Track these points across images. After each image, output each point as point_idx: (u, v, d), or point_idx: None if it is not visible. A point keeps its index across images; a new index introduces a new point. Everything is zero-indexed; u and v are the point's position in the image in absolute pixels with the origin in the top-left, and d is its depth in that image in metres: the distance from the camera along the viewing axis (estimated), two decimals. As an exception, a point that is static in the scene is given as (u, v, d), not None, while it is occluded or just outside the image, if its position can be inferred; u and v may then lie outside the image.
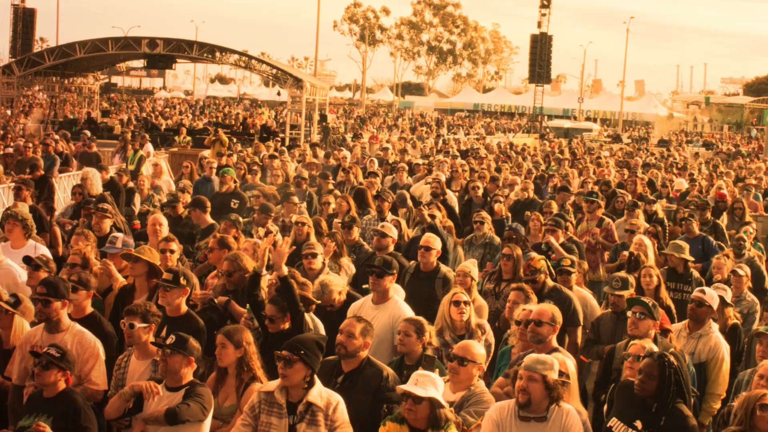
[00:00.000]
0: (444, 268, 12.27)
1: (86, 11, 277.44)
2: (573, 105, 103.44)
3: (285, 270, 9.62)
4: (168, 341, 7.93)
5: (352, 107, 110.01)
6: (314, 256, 12.01)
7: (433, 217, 15.00)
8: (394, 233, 13.40)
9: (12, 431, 7.90)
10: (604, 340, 11.06)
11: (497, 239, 15.35)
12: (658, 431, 7.56)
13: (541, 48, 73.88)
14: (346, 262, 13.17)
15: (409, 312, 10.10)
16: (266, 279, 10.03)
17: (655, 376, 7.66)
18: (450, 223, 16.00)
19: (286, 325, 9.33)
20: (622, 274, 11.73)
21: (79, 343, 8.72)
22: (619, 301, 11.11)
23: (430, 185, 19.53)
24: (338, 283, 10.64)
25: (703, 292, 10.94)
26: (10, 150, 25.71)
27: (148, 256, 10.51)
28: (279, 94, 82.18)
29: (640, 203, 18.45)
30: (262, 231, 14.37)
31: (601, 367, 10.30)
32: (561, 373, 7.64)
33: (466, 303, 10.11)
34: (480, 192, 19.29)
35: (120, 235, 12.19)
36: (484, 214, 15.90)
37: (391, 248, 13.20)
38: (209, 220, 15.20)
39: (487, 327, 10.53)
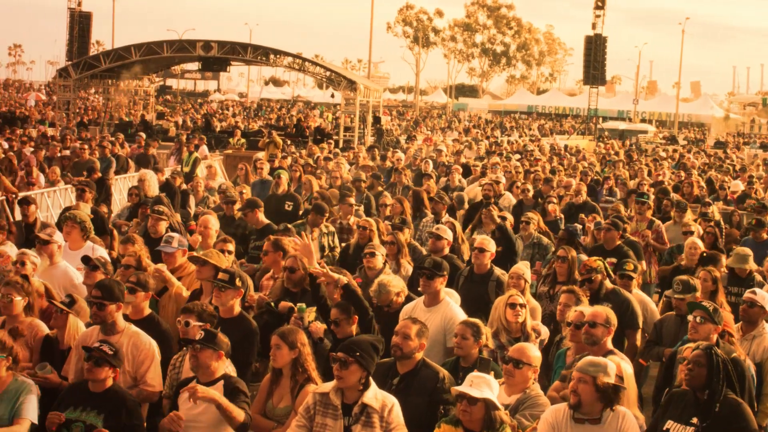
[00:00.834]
0: (497, 270, 12.23)
1: (141, 14, 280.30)
2: (628, 107, 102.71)
3: (344, 279, 9.64)
4: (197, 337, 7.99)
5: (406, 109, 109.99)
6: (373, 255, 12.02)
7: (503, 219, 14.94)
8: (449, 235, 13.34)
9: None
10: (667, 343, 10.97)
11: (545, 239, 15.32)
12: (713, 421, 7.52)
13: (595, 49, 73.38)
14: (406, 263, 13.15)
15: (461, 314, 10.07)
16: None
17: (703, 364, 7.62)
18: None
19: (353, 329, 9.33)
20: (685, 277, 11.61)
21: (134, 345, 8.76)
22: (680, 304, 11.02)
23: (482, 188, 19.45)
24: (397, 284, 10.59)
25: (754, 293, 10.81)
26: (67, 152, 25.97)
27: (216, 259, 10.52)
28: (333, 96, 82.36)
29: (694, 205, 18.31)
30: (316, 232, 14.43)
31: (662, 371, 10.21)
32: (617, 377, 7.57)
33: (521, 305, 10.06)
34: (530, 194, 19.19)
35: (176, 234, 12.22)
36: (530, 214, 15.83)
37: (447, 251, 13.14)
38: (264, 220, 15.24)
39: (543, 329, 10.48)
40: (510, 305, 10.04)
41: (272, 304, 10.43)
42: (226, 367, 8.12)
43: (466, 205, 18.81)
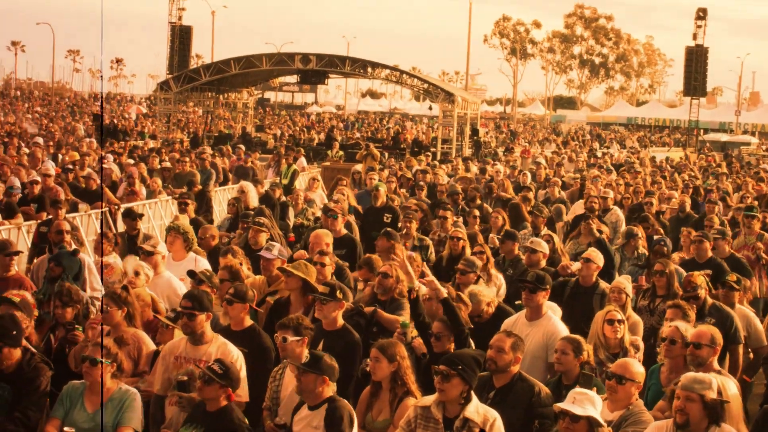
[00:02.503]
0: (603, 284, 12.10)
1: (240, 28, 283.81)
2: (730, 118, 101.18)
3: (445, 292, 9.60)
4: (295, 352, 8.01)
5: (504, 121, 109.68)
6: (465, 273, 11.94)
7: (600, 231, 14.81)
8: (544, 248, 13.27)
9: None
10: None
11: (645, 253, 15.11)
12: None
13: (696, 60, 72.37)
14: (495, 272, 13.09)
15: (563, 330, 9.98)
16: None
17: None
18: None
19: (452, 346, 9.29)
20: None
21: (222, 355, 8.76)
22: None
23: (587, 200, 19.29)
24: (487, 294, 10.57)
25: None
26: (168, 164, 26.31)
27: (303, 271, 10.54)
28: (430, 108, 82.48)
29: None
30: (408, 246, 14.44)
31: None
32: (720, 394, 7.43)
33: (620, 321, 9.90)
34: (653, 208, 18.88)
35: (277, 244, 12.33)
36: (636, 230, 15.64)
37: (543, 263, 13.07)
38: (344, 230, 15.25)
39: (641, 345, 10.34)
40: (608, 321, 9.89)
41: (362, 306, 10.48)
42: (333, 389, 8.06)
43: (565, 218, 18.66)
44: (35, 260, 13.45)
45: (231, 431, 7.93)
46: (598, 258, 12.15)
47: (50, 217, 15.74)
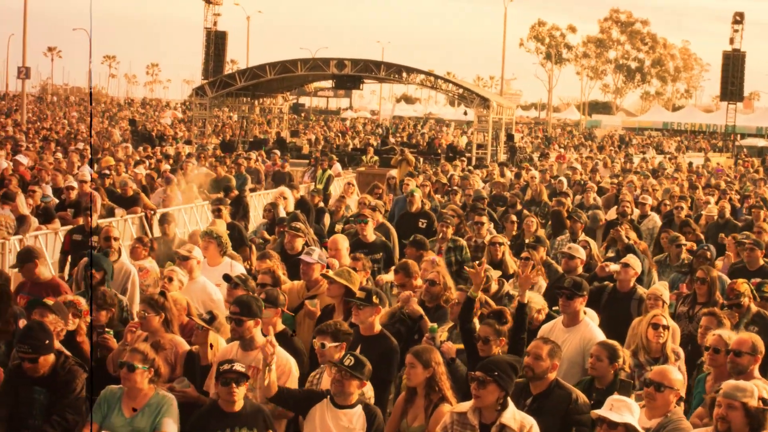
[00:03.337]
0: (641, 289, 12.07)
1: (274, 33, 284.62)
2: (767, 123, 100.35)
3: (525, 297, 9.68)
4: (346, 362, 8.01)
5: (538, 126, 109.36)
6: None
7: (629, 237, 14.74)
8: (581, 254, 13.24)
9: None
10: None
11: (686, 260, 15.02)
12: None
13: (733, 65, 71.85)
14: (542, 280, 13.05)
15: (600, 336, 9.95)
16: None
17: None
18: (644, 245, 15.70)
19: (499, 350, 9.27)
20: None
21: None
22: None
23: (620, 205, 19.19)
24: (538, 301, 10.56)
25: None
26: (204, 169, 26.40)
27: (345, 278, 10.54)
28: (465, 113, 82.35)
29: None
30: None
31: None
32: (764, 401, 7.35)
33: (665, 327, 9.87)
34: (683, 213, 18.76)
35: (317, 248, 12.37)
36: (681, 237, 15.57)
37: (580, 269, 13.05)
38: (374, 235, 15.22)
39: (681, 353, 10.27)
40: (653, 325, 9.86)
41: (404, 313, 10.45)
42: (365, 391, 8.16)
43: (602, 222, 18.61)
44: (78, 264, 13.47)
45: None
46: (636, 263, 12.13)
47: (81, 223, 15.83)
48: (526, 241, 15.24)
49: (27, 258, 11.69)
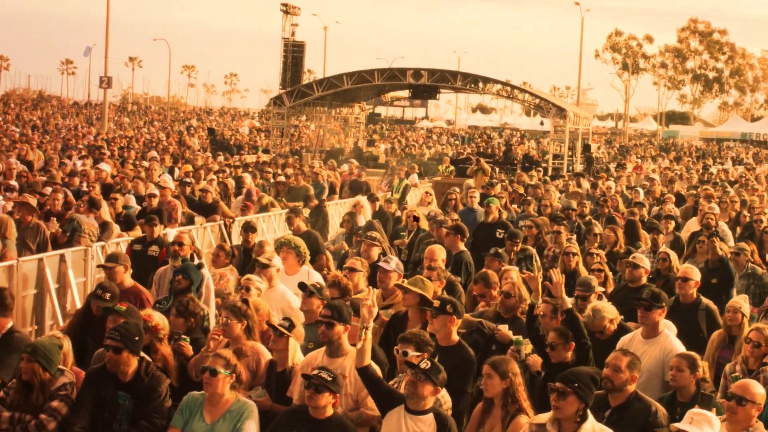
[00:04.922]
0: (705, 300, 11.95)
1: (351, 43, 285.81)
2: None
3: (569, 302, 9.69)
4: (422, 365, 8.02)
5: (615, 136, 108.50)
6: (585, 299, 11.88)
7: (722, 249, 14.64)
8: (646, 264, 13.13)
9: None
10: None
11: (759, 269, 14.91)
12: None
13: (814, 75, 70.82)
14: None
15: (680, 347, 9.88)
16: None
17: None
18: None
19: (569, 355, 9.29)
20: None
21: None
22: None
23: (704, 217, 19.01)
24: (610, 311, 10.50)
25: None
26: (282, 178, 26.61)
27: (420, 287, 10.57)
28: (542, 123, 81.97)
29: None
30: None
31: None
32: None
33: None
34: (762, 225, 18.52)
35: (394, 257, 12.40)
36: (743, 244, 15.48)
37: (644, 280, 12.92)
38: (461, 247, 15.24)
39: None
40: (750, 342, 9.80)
41: (483, 323, 10.47)
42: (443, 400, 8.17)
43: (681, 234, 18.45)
44: (158, 271, 13.67)
45: None
46: (694, 274, 11.99)
47: (144, 234, 16.02)
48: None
49: (116, 261, 11.92)
